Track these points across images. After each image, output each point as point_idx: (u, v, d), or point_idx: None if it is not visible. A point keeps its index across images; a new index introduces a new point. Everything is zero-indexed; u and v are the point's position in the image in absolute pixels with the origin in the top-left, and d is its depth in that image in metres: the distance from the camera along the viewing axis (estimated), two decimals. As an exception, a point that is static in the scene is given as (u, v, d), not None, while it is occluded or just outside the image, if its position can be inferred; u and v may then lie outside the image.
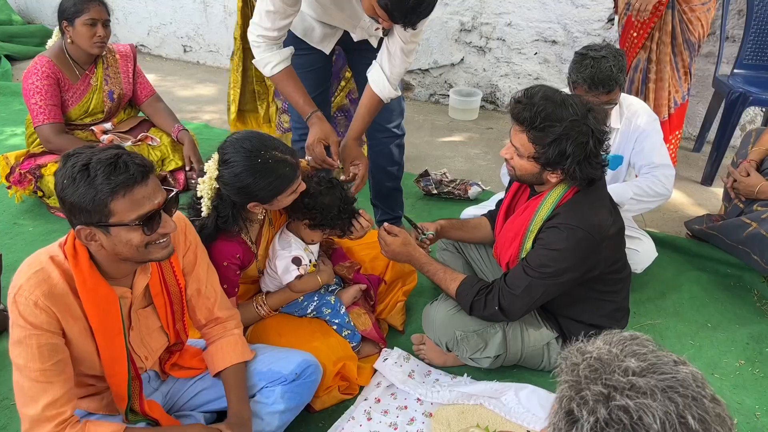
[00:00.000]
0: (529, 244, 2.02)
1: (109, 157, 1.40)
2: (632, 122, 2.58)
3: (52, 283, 1.47)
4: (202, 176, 1.91)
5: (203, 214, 1.91)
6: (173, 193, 1.56)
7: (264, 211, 2.02)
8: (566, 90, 2.55)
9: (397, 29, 2.18)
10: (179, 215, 1.71)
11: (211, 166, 1.90)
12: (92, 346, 1.56)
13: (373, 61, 2.33)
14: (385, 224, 2.24)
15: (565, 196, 1.95)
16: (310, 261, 2.22)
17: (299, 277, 2.14)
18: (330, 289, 2.31)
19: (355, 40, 2.45)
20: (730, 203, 2.85)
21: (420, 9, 1.84)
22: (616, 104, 2.50)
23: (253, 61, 2.28)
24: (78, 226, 1.44)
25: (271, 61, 2.24)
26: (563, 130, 1.80)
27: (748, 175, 2.71)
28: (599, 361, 0.87)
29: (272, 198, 1.91)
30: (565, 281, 1.96)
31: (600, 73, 2.36)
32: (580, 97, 1.90)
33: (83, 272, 1.49)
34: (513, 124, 1.92)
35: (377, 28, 2.31)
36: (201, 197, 1.90)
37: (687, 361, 0.88)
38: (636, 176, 2.67)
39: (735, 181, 2.76)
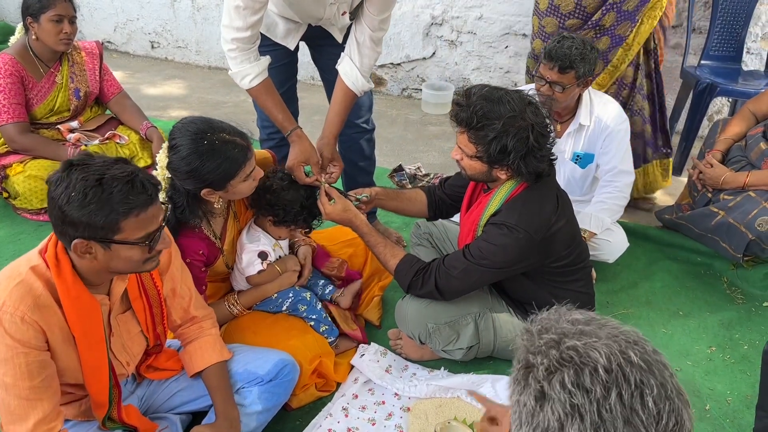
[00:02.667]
0: None
1: (125, 174, 1.37)
2: (602, 121, 2.60)
3: (36, 295, 1.43)
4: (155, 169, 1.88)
5: None
6: (168, 209, 1.54)
7: (220, 199, 1.96)
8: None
9: (365, 16, 2.15)
10: None
11: (161, 155, 1.87)
12: (75, 355, 1.52)
13: (342, 54, 2.30)
14: (325, 186, 2.18)
15: (513, 192, 1.98)
16: (279, 257, 2.21)
17: (261, 271, 2.12)
18: (327, 291, 2.30)
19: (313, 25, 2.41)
20: (697, 193, 2.89)
21: None
22: (565, 90, 2.48)
23: (229, 74, 2.20)
24: (75, 240, 1.38)
25: (249, 73, 2.16)
26: (501, 127, 1.81)
27: (713, 166, 2.77)
28: (549, 320, 0.93)
29: (225, 183, 1.86)
30: (501, 272, 2.00)
31: (559, 48, 2.43)
32: (519, 92, 1.91)
33: (66, 282, 1.44)
34: (455, 127, 1.93)
35: (344, 13, 2.28)
36: None
37: (635, 328, 0.94)
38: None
39: (701, 172, 2.81)
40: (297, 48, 2.49)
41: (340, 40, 2.41)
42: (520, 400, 0.87)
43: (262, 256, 2.13)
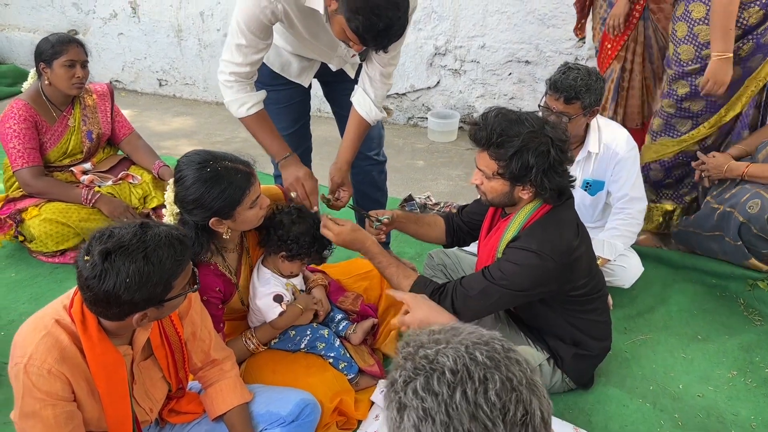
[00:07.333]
0: None
1: (161, 238, 1.41)
2: (611, 148, 2.62)
3: (62, 347, 1.44)
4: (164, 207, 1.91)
5: None
6: None
7: (229, 230, 1.96)
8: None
9: (374, 54, 2.19)
10: None
11: (168, 191, 1.90)
12: (99, 406, 1.53)
13: (356, 87, 2.34)
14: (325, 216, 2.18)
15: (531, 217, 1.97)
16: (293, 295, 2.20)
17: (282, 313, 2.12)
18: (341, 327, 2.30)
19: (333, 69, 2.45)
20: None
21: (391, 32, 1.84)
22: (572, 120, 2.50)
23: (225, 102, 2.22)
24: (135, 316, 1.43)
25: (246, 102, 2.19)
26: (521, 142, 1.82)
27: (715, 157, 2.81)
28: (411, 336, 0.98)
29: (231, 210, 1.87)
30: (521, 296, 1.98)
31: (565, 79, 2.44)
32: (535, 113, 1.94)
33: (92, 338, 1.46)
34: (474, 148, 1.95)
35: (354, 55, 2.33)
36: None
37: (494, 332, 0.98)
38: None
39: (703, 163, 2.85)
40: (310, 85, 2.53)
41: (352, 75, 2.46)
42: (388, 416, 0.92)
43: (278, 299, 2.13)
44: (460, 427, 0.85)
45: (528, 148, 1.82)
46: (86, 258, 1.37)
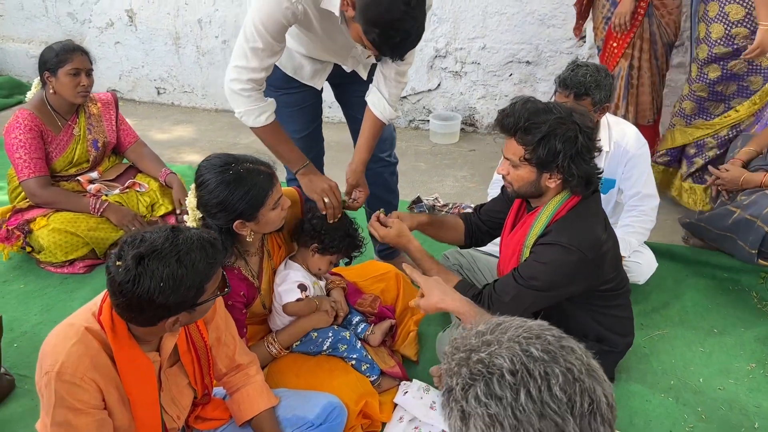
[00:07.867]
0: None
1: (193, 242, 1.40)
2: (621, 146, 2.62)
3: (93, 354, 1.43)
4: (186, 214, 1.91)
5: None
6: None
7: (252, 233, 1.95)
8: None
9: None
10: None
11: (190, 197, 1.90)
12: (129, 414, 1.52)
13: (371, 86, 2.34)
14: (380, 215, 2.23)
15: (558, 211, 1.95)
16: (317, 296, 2.20)
17: (299, 300, 2.12)
18: (360, 329, 2.28)
19: (347, 70, 2.44)
20: (718, 201, 2.93)
21: (407, 43, 1.85)
22: None
23: (239, 111, 2.14)
24: (169, 320, 1.42)
25: (266, 110, 2.15)
26: (549, 127, 1.82)
27: (729, 170, 2.81)
28: (458, 339, 0.97)
29: (255, 211, 1.88)
30: (553, 295, 1.97)
31: (573, 76, 2.46)
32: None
33: (123, 345, 1.45)
34: (503, 136, 1.95)
35: (369, 56, 2.32)
36: None
37: (540, 321, 0.97)
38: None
39: (718, 178, 2.85)
40: (322, 88, 2.52)
41: (364, 77, 2.45)
42: (450, 425, 0.90)
43: (302, 287, 2.14)
44: (530, 428, 0.84)
45: (555, 134, 1.82)
46: (118, 263, 1.35)
